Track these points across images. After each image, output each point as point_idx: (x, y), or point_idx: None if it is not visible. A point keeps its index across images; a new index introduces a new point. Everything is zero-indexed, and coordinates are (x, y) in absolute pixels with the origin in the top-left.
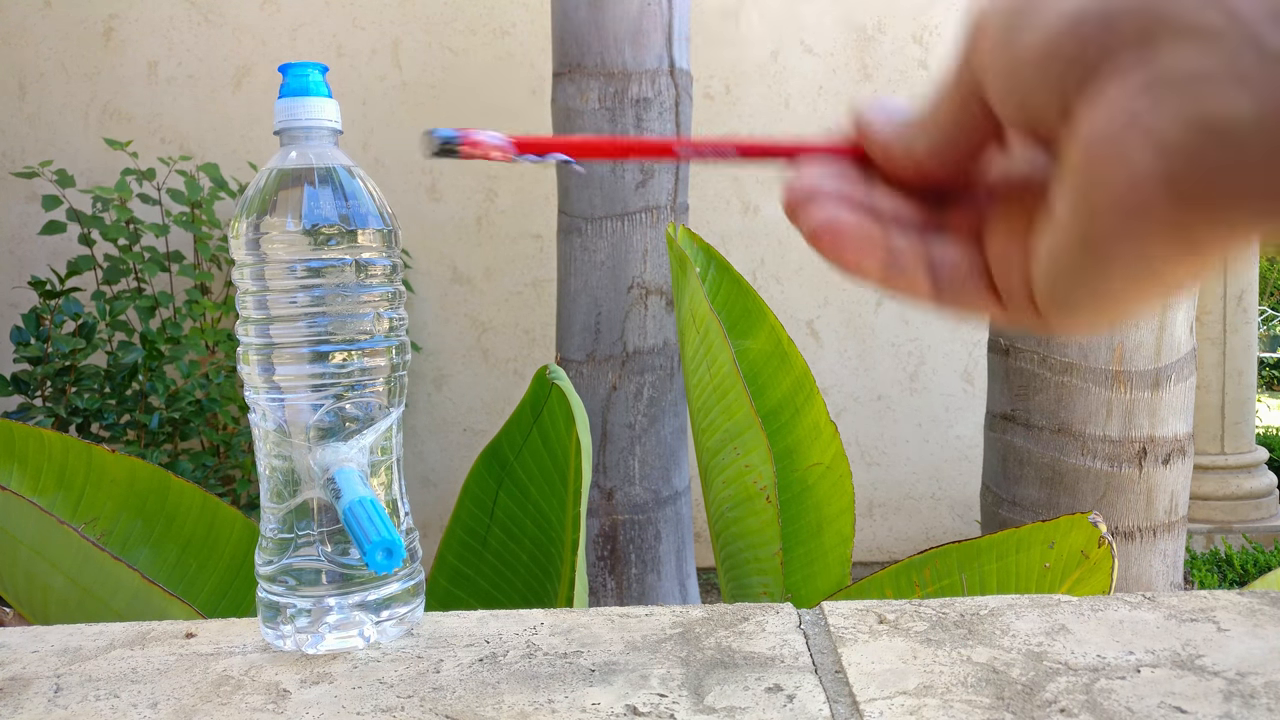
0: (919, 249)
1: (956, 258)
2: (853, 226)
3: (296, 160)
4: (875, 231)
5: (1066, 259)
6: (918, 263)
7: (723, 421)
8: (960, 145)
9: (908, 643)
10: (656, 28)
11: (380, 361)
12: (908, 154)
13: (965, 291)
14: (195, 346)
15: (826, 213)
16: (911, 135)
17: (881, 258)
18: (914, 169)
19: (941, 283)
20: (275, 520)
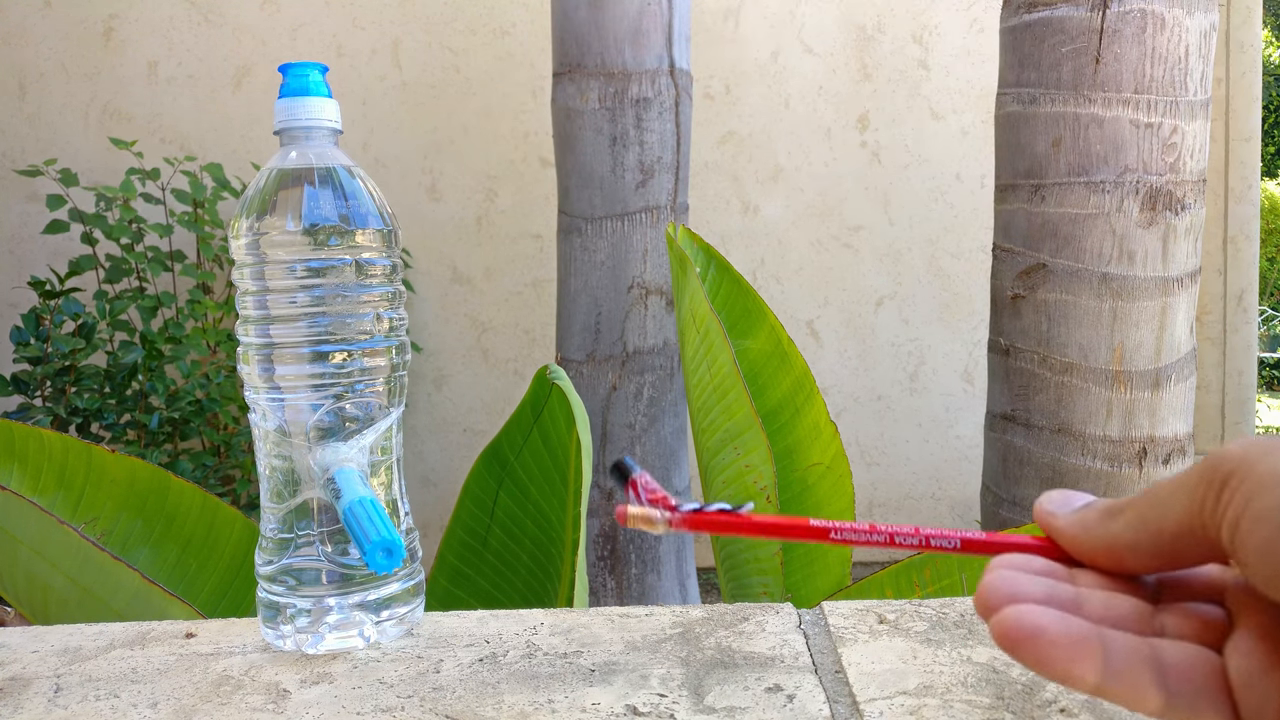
0: (1142, 651)
1: (1191, 666)
2: (1055, 627)
3: (296, 160)
4: (1085, 632)
5: None
6: (1142, 668)
7: (723, 421)
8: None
9: (908, 643)
10: (656, 28)
11: (380, 361)
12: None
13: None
14: (197, 346)
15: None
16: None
17: (1097, 662)
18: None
19: (1173, 692)
20: (275, 520)
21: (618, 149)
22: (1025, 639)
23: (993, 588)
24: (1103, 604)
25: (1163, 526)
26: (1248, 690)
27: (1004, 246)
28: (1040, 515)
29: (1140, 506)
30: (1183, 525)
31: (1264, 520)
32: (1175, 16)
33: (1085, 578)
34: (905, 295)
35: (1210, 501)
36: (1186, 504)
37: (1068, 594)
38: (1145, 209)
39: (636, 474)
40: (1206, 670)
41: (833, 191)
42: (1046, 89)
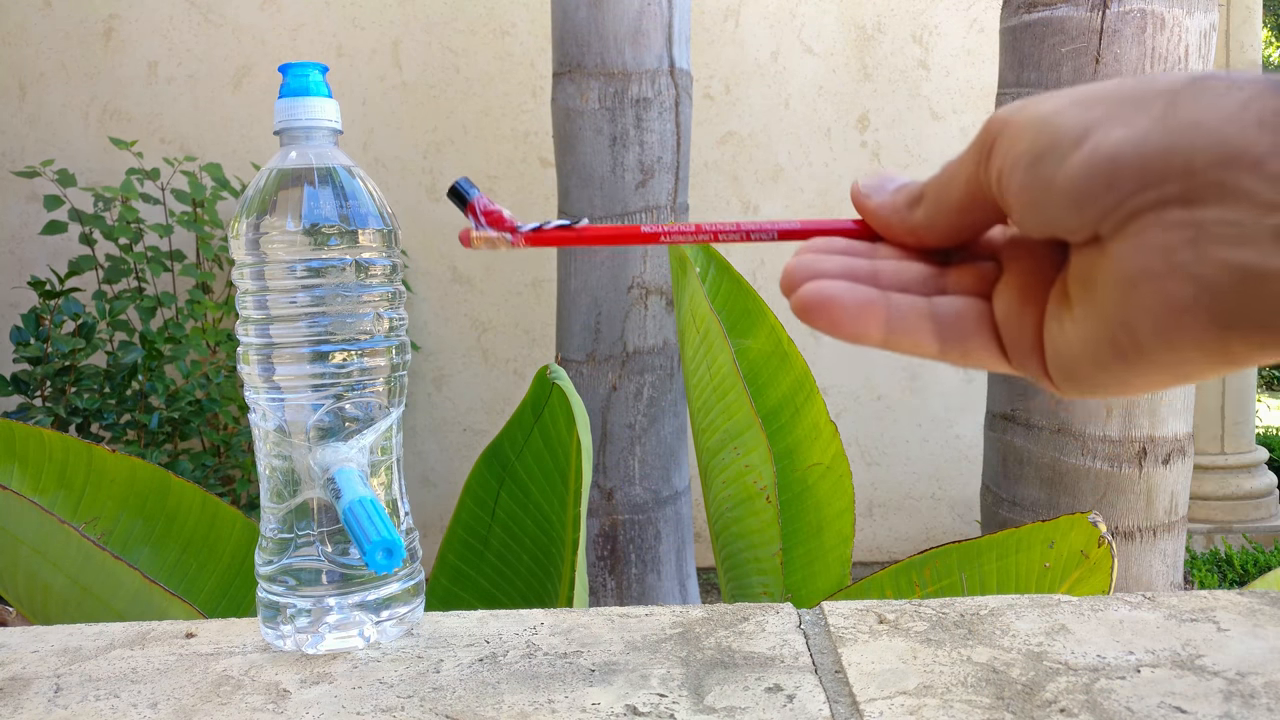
0: (921, 307)
1: (961, 313)
2: (845, 294)
3: (296, 160)
4: (871, 296)
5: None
6: (921, 320)
7: (723, 421)
8: (962, 226)
9: (908, 643)
10: (656, 28)
11: (380, 361)
12: (906, 227)
13: (971, 346)
14: (197, 346)
15: (816, 286)
16: (910, 210)
17: (881, 320)
18: (913, 240)
19: (947, 338)
20: (275, 520)
21: (618, 149)
22: (818, 307)
23: (795, 268)
24: (894, 271)
25: (951, 199)
26: (1007, 326)
27: None
28: (855, 197)
29: (933, 186)
30: (965, 193)
31: (1018, 163)
32: (1175, 16)
33: (885, 250)
34: None
35: (984, 163)
36: (967, 172)
37: (863, 267)
38: None
39: (474, 196)
40: (975, 315)
41: (833, 191)
42: (1046, 89)
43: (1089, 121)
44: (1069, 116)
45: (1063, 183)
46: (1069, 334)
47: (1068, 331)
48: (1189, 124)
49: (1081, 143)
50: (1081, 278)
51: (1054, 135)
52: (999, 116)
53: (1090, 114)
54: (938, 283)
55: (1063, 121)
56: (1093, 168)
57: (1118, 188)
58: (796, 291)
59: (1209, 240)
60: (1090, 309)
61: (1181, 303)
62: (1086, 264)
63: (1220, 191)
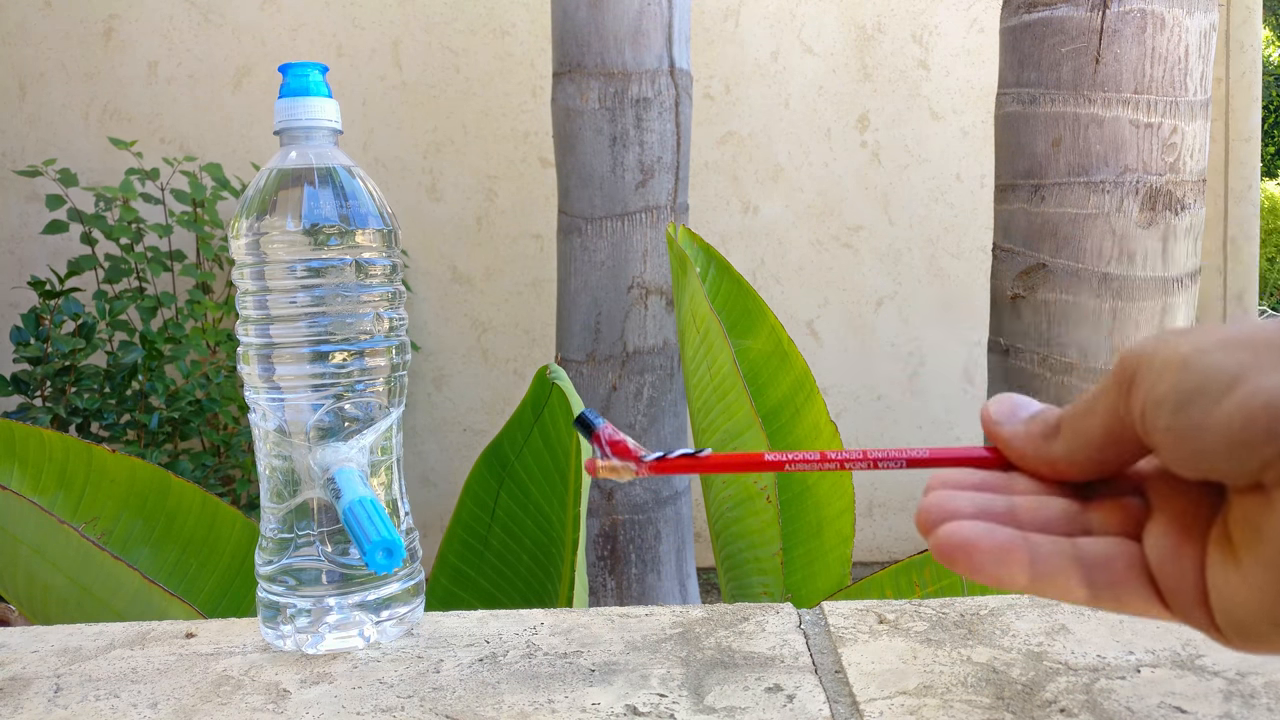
0: (1066, 550)
1: (1110, 558)
2: (985, 539)
3: (296, 160)
4: (1012, 540)
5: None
6: (1066, 565)
7: (723, 421)
8: (1105, 461)
9: (908, 643)
10: (656, 28)
11: (380, 361)
12: (1044, 460)
13: (1124, 594)
14: (197, 346)
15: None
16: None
17: (1025, 566)
18: (1051, 471)
19: (1097, 584)
20: (275, 520)
21: (618, 149)
22: (959, 552)
23: (929, 508)
24: (1032, 509)
25: (1091, 434)
26: (1164, 570)
27: (1004, 246)
28: (987, 424)
29: (1070, 418)
30: (1107, 428)
31: (1164, 403)
32: (1175, 16)
33: (1020, 483)
34: (905, 295)
35: (1123, 399)
36: (1106, 406)
37: (1000, 505)
38: (1145, 209)
39: (600, 426)
40: (1126, 559)
41: (832, 191)
42: (1046, 89)
43: (1238, 366)
44: (1215, 359)
45: (1216, 429)
46: (1237, 587)
47: (1234, 584)
48: None
49: (1233, 388)
50: (1246, 524)
51: (1201, 378)
52: (1134, 351)
53: (1237, 357)
54: (1080, 520)
55: (1209, 364)
56: (1249, 415)
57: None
58: (934, 533)
59: None
60: (1260, 561)
61: None
62: (1251, 510)
63: None
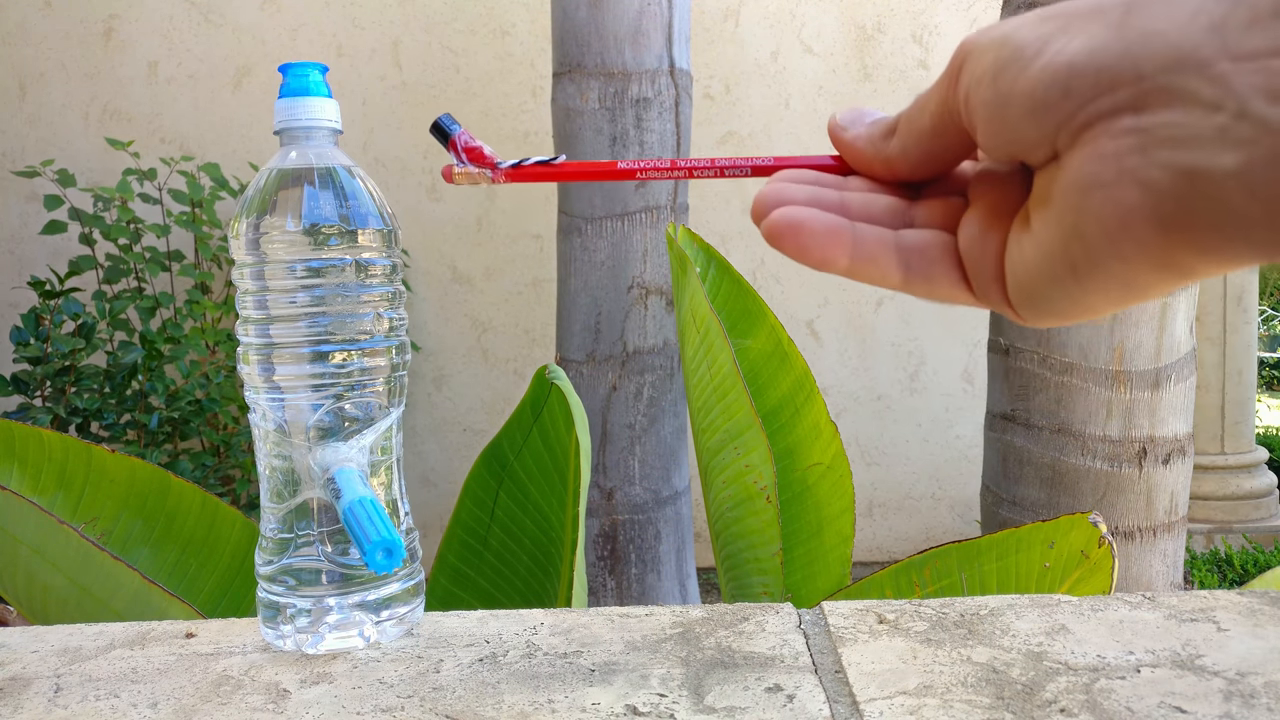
0: (888, 238)
1: (926, 244)
2: (812, 220)
3: (296, 160)
4: (838, 224)
5: (1049, 272)
6: (886, 250)
7: (723, 421)
8: (934, 154)
9: (908, 643)
10: (656, 28)
11: (380, 361)
12: (880, 158)
13: (935, 276)
14: (196, 346)
15: (785, 211)
16: (885, 141)
17: (847, 248)
18: (886, 171)
19: (912, 268)
20: (275, 520)
21: (618, 149)
22: (787, 231)
23: (764, 195)
24: (862, 203)
25: (923, 126)
26: (970, 253)
27: None
28: (832, 129)
29: (906, 115)
30: (937, 118)
31: (982, 79)
32: None
33: (855, 183)
34: (905, 295)
35: (952, 85)
36: (938, 96)
37: (832, 198)
38: None
39: (456, 132)
40: (940, 247)
41: None
42: None
43: (1048, 33)
44: (1029, 30)
45: (1022, 93)
46: (1027, 252)
47: (1026, 250)
48: (1142, 32)
49: (1041, 53)
50: (1040, 196)
51: (1015, 48)
52: (968, 39)
53: (1050, 26)
54: (906, 216)
55: (1023, 35)
56: (1051, 76)
57: (1073, 96)
58: (767, 216)
59: (1156, 144)
60: (1046, 223)
61: (1129, 207)
62: (1045, 182)
63: (1168, 96)
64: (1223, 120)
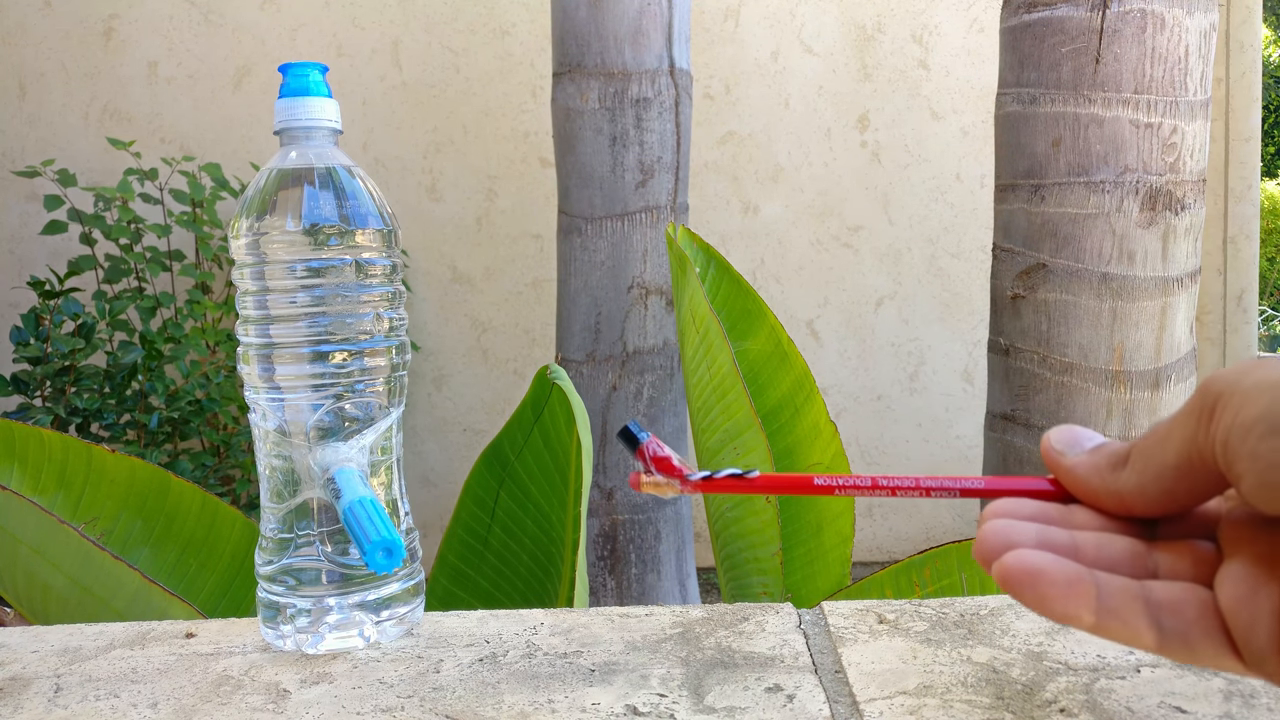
0: (1133, 590)
1: (1180, 602)
2: (1052, 569)
3: (296, 160)
4: (1080, 574)
5: None
6: (1134, 606)
7: (723, 421)
8: (1176, 494)
9: (908, 643)
10: (656, 28)
11: (380, 361)
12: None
13: (1194, 640)
14: (196, 346)
15: (1021, 556)
16: (1115, 473)
17: (1091, 602)
18: (1118, 506)
19: (1166, 629)
20: (275, 520)
21: (618, 149)
22: (1026, 580)
23: (990, 535)
24: (1095, 546)
25: (1164, 462)
26: (1237, 616)
27: (1004, 246)
28: (1048, 454)
29: (1143, 446)
30: (1182, 456)
31: (1252, 428)
32: (1175, 16)
33: (1081, 517)
34: (905, 295)
35: (1204, 424)
36: (1184, 433)
37: (1063, 538)
38: (1145, 209)
39: (645, 441)
40: (1197, 604)
41: (833, 191)
42: (1046, 89)
43: None
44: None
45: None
46: None
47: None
48: None
49: None
50: None
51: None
52: (1221, 377)
53: None
54: (1147, 562)
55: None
56: None
57: None
58: (999, 560)
59: None
60: None
61: None
62: None
63: None
64: None
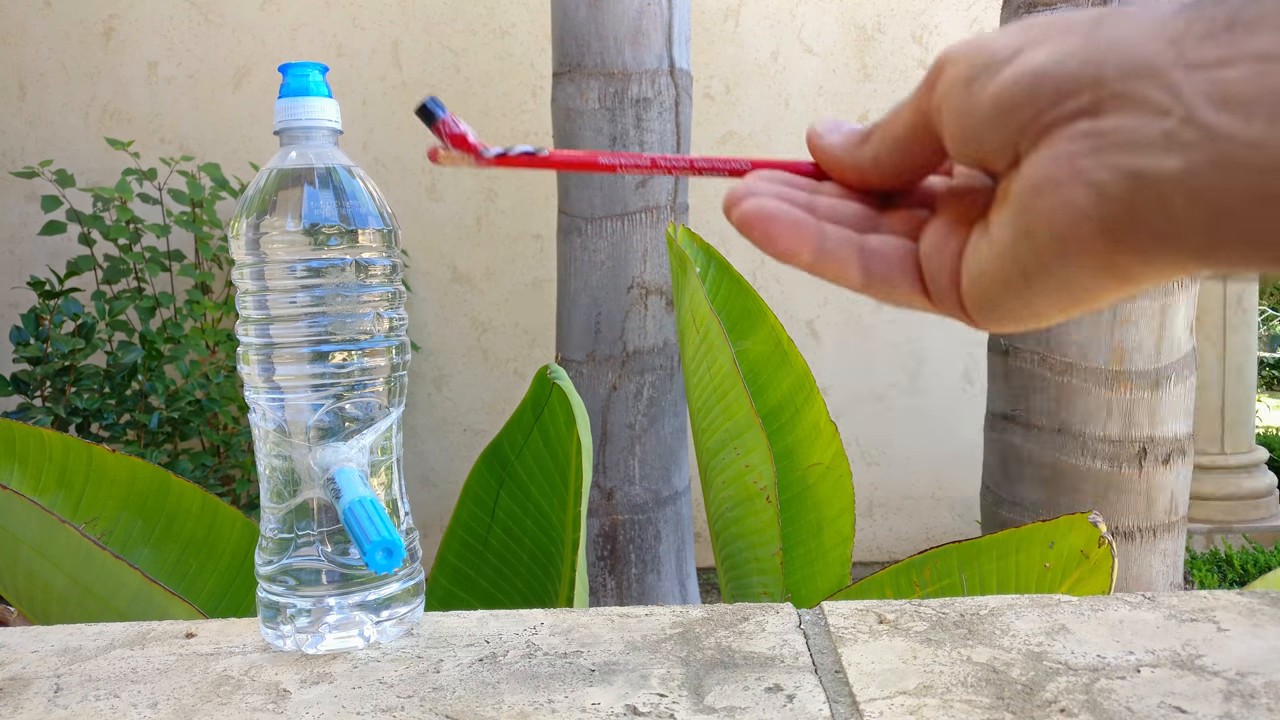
0: (852, 239)
1: (888, 249)
2: (781, 212)
3: (296, 160)
4: (806, 220)
5: (1001, 275)
6: (849, 251)
7: (723, 421)
8: (905, 163)
9: (908, 643)
10: (656, 28)
11: (380, 361)
12: (853, 163)
13: (894, 280)
14: (196, 346)
15: (756, 202)
16: (859, 148)
17: (812, 244)
18: (858, 177)
19: (872, 270)
20: (275, 520)
21: (617, 149)
22: (756, 221)
23: (737, 189)
24: (830, 206)
25: (896, 134)
26: (929, 259)
27: None
28: (810, 137)
29: (882, 124)
30: (909, 125)
31: (955, 85)
32: None
33: (827, 189)
34: None
35: (928, 91)
36: (913, 104)
37: (801, 198)
38: None
39: (442, 116)
40: (902, 253)
41: None
42: None
43: (1022, 42)
44: (1005, 38)
45: (989, 97)
46: (982, 255)
47: (981, 253)
48: (1107, 40)
49: (1012, 60)
50: (999, 200)
51: (989, 55)
52: (947, 48)
53: (1024, 36)
54: (873, 224)
55: (999, 43)
56: (1017, 81)
57: (1037, 100)
58: (739, 206)
59: (1108, 147)
60: (1001, 225)
61: (1076, 208)
62: (1005, 185)
63: (1123, 101)
64: (1170, 125)
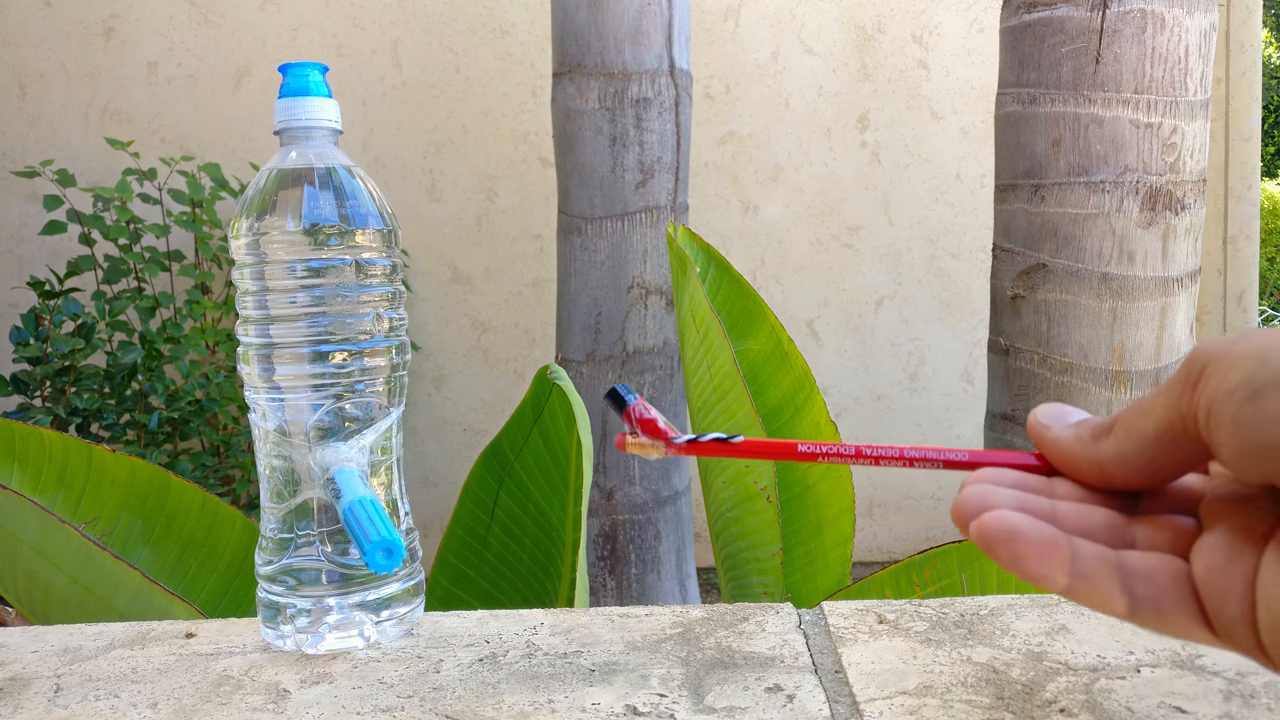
0: (1109, 558)
1: (1154, 571)
2: (1029, 530)
3: (296, 160)
4: (1056, 536)
5: None
6: (1108, 572)
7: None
8: (1157, 464)
9: (908, 643)
10: (656, 28)
11: (380, 361)
12: (1093, 461)
13: (1166, 609)
14: (196, 346)
15: (998, 516)
16: (1097, 443)
17: (1065, 564)
18: (1099, 477)
19: (1138, 597)
20: (275, 520)
21: (618, 149)
22: (1002, 539)
23: (969, 498)
24: (1074, 515)
25: (1146, 431)
26: (1210, 586)
27: (1004, 246)
28: (1033, 428)
29: (1126, 416)
30: (1164, 425)
31: (1234, 394)
32: (1175, 16)
33: (1063, 489)
34: (905, 295)
35: (1188, 393)
36: (1168, 402)
37: (1042, 506)
38: (1145, 209)
39: (632, 403)
40: (1172, 573)
41: (833, 191)
42: (1046, 89)
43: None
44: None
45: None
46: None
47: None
48: None
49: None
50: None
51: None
52: (1208, 346)
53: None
54: (1125, 533)
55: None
56: None
57: None
58: (977, 519)
59: None
60: None
61: None
62: None
63: None
64: None
